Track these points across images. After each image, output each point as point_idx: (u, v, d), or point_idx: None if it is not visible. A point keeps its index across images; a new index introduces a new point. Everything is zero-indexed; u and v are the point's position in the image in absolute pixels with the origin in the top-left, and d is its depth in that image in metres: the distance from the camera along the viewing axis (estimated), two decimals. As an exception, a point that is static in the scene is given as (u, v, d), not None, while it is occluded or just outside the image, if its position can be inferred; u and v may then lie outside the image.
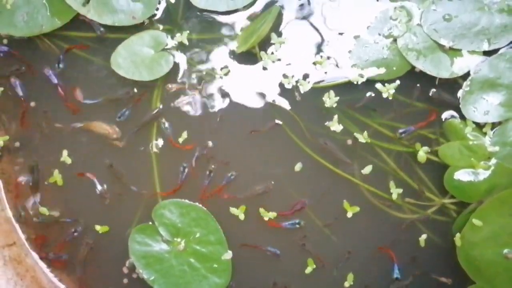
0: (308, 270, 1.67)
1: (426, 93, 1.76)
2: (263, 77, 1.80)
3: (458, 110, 1.72)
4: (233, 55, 1.82)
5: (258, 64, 1.81)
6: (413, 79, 1.77)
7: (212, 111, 1.78)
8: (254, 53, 1.80)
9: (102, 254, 1.71)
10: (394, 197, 1.69)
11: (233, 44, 1.83)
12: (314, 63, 1.80)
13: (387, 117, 1.76)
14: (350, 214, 1.69)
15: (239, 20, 1.85)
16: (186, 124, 1.77)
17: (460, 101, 1.72)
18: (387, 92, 1.75)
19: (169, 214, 1.68)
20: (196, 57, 1.83)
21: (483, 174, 1.66)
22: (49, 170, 1.75)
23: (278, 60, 1.81)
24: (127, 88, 1.78)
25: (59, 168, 1.75)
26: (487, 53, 1.74)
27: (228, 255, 1.65)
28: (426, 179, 1.71)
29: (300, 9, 1.85)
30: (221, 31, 1.85)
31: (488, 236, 1.59)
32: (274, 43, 1.81)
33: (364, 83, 1.77)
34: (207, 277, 1.64)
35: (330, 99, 1.75)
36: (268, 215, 1.69)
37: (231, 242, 1.67)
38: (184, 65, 1.82)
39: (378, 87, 1.76)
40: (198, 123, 1.77)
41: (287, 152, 1.74)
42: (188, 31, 1.83)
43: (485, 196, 1.64)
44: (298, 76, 1.79)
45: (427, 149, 1.70)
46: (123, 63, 1.78)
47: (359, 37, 1.80)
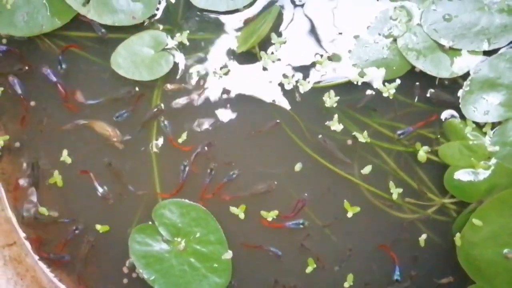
0: (309, 270, 1.67)
1: (426, 93, 1.76)
2: (263, 77, 1.80)
3: (458, 110, 1.72)
4: (233, 55, 1.82)
5: (258, 64, 1.81)
6: (413, 79, 1.77)
7: (212, 111, 1.78)
8: (254, 53, 1.80)
9: (102, 254, 1.71)
10: (395, 197, 1.69)
11: (233, 44, 1.83)
12: (314, 63, 1.80)
13: (387, 117, 1.76)
14: (351, 214, 1.69)
15: (239, 20, 1.85)
16: (186, 124, 1.76)
17: (460, 101, 1.72)
18: (388, 92, 1.75)
19: (169, 214, 1.67)
20: (196, 57, 1.83)
21: (483, 174, 1.66)
22: (49, 170, 1.75)
23: (278, 60, 1.81)
24: (129, 87, 1.78)
25: (59, 168, 1.75)
26: (487, 53, 1.74)
27: (228, 255, 1.65)
28: (426, 179, 1.71)
29: (300, 9, 1.85)
30: (221, 31, 1.85)
31: (488, 236, 1.59)
32: (274, 43, 1.81)
33: (364, 83, 1.77)
34: (207, 277, 1.64)
35: (330, 99, 1.75)
36: (270, 216, 1.69)
37: (231, 242, 1.67)
38: (184, 65, 1.82)
39: (379, 87, 1.76)
40: (198, 123, 1.77)
41: (287, 152, 1.74)
42: (188, 31, 1.83)
43: (485, 196, 1.64)
44: (298, 76, 1.79)
45: (427, 149, 1.70)
46: (123, 63, 1.78)
47: (359, 37, 1.80)
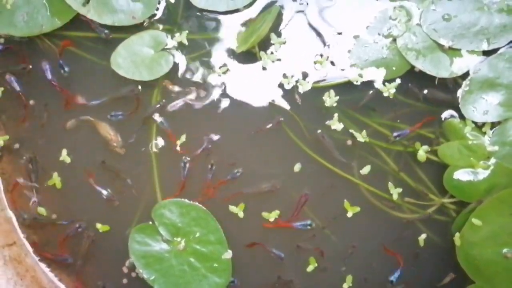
0: (310, 269, 1.67)
1: (426, 93, 1.76)
2: (263, 77, 1.80)
3: (458, 110, 1.72)
4: (233, 55, 1.82)
5: (258, 64, 1.81)
6: (413, 79, 1.77)
7: (211, 111, 1.78)
8: (254, 53, 1.80)
9: (102, 254, 1.71)
10: (395, 198, 1.69)
11: (233, 44, 1.83)
12: (314, 63, 1.80)
13: (387, 117, 1.76)
14: (351, 214, 1.69)
15: (239, 20, 1.85)
16: (185, 124, 1.76)
17: (460, 101, 1.72)
18: (388, 92, 1.75)
19: (169, 214, 1.67)
20: (196, 57, 1.83)
21: (483, 174, 1.66)
22: (49, 169, 1.75)
23: (278, 60, 1.81)
24: (132, 86, 1.78)
25: (59, 168, 1.75)
26: (487, 53, 1.74)
27: (228, 255, 1.65)
28: (426, 179, 1.71)
29: (300, 9, 1.85)
30: (221, 31, 1.85)
31: (488, 236, 1.60)
32: (274, 43, 1.81)
33: (364, 83, 1.77)
34: (207, 277, 1.64)
35: (330, 99, 1.75)
36: (271, 216, 1.69)
37: (231, 242, 1.66)
38: (184, 65, 1.82)
39: (379, 87, 1.76)
40: (197, 123, 1.77)
41: (287, 152, 1.74)
42: (188, 31, 1.83)
43: (485, 196, 1.64)
44: (298, 76, 1.79)
45: (427, 148, 1.71)
46: (123, 63, 1.78)
47: (359, 37, 1.81)
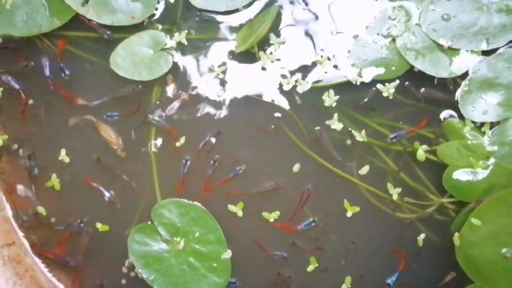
0: (310, 268, 1.67)
1: (425, 93, 1.76)
2: (262, 77, 1.80)
3: (457, 110, 1.72)
4: (232, 55, 1.82)
5: (257, 64, 1.81)
6: (412, 79, 1.77)
7: (211, 110, 1.78)
8: (253, 53, 1.80)
9: (102, 254, 1.71)
10: (395, 197, 1.69)
11: (232, 44, 1.83)
12: (313, 63, 1.80)
13: (386, 117, 1.76)
14: (350, 214, 1.69)
15: (238, 20, 1.85)
16: (185, 124, 1.77)
17: (459, 101, 1.72)
18: (388, 92, 1.75)
19: (168, 214, 1.67)
20: (195, 57, 1.83)
21: (482, 174, 1.66)
22: (48, 169, 1.75)
23: (277, 60, 1.81)
24: (133, 85, 1.78)
25: (59, 167, 1.75)
26: (486, 53, 1.75)
27: (228, 254, 1.65)
28: (425, 179, 1.71)
29: (299, 9, 1.85)
30: (220, 31, 1.85)
31: (487, 236, 1.60)
32: (273, 43, 1.81)
33: (363, 83, 1.77)
34: (207, 276, 1.64)
35: (330, 98, 1.75)
36: (271, 217, 1.69)
37: (231, 241, 1.67)
38: (183, 65, 1.82)
39: (378, 87, 1.76)
40: (197, 123, 1.77)
41: (286, 152, 1.74)
42: (187, 31, 1.83)
43: (484, 196, 1.64)
44: (297, 76, 1.79)
45: (426, 148, 1.71)
46: (123, 63, 1.78)
47: (358, 37, 1.81)
